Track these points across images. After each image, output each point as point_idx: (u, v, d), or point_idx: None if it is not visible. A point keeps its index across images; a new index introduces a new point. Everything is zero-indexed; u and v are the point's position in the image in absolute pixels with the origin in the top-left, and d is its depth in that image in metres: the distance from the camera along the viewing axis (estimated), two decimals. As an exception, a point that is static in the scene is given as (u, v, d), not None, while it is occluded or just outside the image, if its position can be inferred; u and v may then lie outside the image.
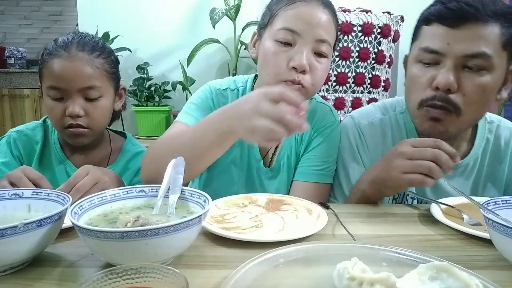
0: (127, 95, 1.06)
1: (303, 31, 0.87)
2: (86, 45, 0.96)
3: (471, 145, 0.98)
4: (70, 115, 0.94)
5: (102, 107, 0.98)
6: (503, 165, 0.99)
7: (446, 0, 0.83)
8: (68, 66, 0.93)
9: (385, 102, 1.08)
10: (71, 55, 0.93)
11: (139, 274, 0.41)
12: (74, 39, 0.96)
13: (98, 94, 0.97)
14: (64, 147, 1.05)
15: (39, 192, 0.64)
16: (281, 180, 1.03)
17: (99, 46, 0.99)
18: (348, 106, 2.43)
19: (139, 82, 2.45)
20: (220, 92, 1.03)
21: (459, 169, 0.97)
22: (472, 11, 0.79)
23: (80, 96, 0.95)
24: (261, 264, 0.52)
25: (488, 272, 0.55)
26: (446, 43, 0.82)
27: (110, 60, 1.00)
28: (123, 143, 1.11)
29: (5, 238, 0.48)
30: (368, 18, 2.34)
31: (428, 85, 0.85)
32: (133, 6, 2.59)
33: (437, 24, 0.83)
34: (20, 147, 1.02)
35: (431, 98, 0.85)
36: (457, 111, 0.84)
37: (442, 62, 0.83)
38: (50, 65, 0.93)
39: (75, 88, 0.93)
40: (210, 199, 0.61)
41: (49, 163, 1.03)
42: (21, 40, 4.47)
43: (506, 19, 0.81)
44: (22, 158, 1.02)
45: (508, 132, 1.00)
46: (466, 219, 0.73)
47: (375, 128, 1.02)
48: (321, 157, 1.00)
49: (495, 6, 0.80)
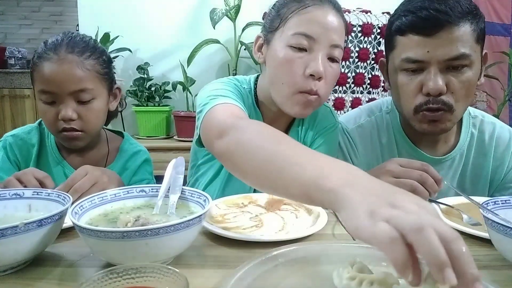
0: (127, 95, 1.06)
1: (318, 36, 0.84)
2: (76, 46, 0.94)
3: (458, 139, 1.01)
4: (63, 119, 0.93)
5: (95, 109, 0.97)
6: (487, 159, 1.01)
7: (416, 10, 0.85)
8: (58, 70, 0.90)
9: (370, 104, 1.11)
10: (60, 58, 0.91)
11: (140, 273, 0.41)
12: (64, 40, 0.94)
13: (90, 96, 0.95)
14: (61, 149, 1.04)
15: (40, 192, 0.64)
16: None
17: (90, 46, 0.97)
18: (348, 106, 2.43)
19: (140, 82, 2.45)
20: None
21: (446, 162, 1.00)
22: (444, 17, 0.82)
23: (72, 99, 0.93)
24: (261, 264, 0.52)
25: (488, 272, 0.55)
26: (426, 51, 0.84)
27: (102, 61, 0.98)
28: (121, 142, 1.11)
29: (6, 238, 0.48)
30: (368, 18, 2.34)
31: (418, 91, 0.88)
32: (134, 7, 2.59)
33: (413, 34, 0.85)
34: (16, 151, 1.01)
35: (425, 103, 0.87)
36: (450, 109, 0.87)
37: (427, 69, 0.86)
38: (40, 69, 0.91)
39: (66, 91, 0.92)
40: (210, 199, 0.61)
41: (46, 165, 1.02)
42: (21, 40, 4.47)
43: (473, 16, 0.84)
44: (19, 162, 1.01)
45: (491, 127, 1.02)
46: (466, 219, 0.73)
47: (363, 130, 1.04)
48: None
49: (461, 6, 0.83)
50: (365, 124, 1.05)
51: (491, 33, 2.68)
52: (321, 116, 1.03)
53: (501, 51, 2.61)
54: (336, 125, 1.04)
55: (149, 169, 1.12)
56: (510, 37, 2.76)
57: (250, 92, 0.99)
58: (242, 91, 0.96)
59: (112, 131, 1.15)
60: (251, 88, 0.99)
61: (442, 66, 0.85)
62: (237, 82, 0.98)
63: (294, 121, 1.02)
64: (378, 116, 1.05)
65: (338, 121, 1.05)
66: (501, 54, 2.57)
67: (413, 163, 0.80)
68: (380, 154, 1.02)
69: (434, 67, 0.85)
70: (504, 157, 1.01)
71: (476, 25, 0.85)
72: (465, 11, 0.83)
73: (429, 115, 0.88)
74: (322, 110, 1.04)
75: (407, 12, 0.87)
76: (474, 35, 0.85)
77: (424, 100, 0.87)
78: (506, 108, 2.68)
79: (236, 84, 0.96)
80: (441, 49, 0.83)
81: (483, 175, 1.02)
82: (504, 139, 1.01)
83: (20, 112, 3.52)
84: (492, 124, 1.03)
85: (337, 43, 0.87)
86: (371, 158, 1.02)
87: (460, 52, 0.83)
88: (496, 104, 2.65)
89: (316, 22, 0.85)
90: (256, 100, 0.99)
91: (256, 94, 0.99)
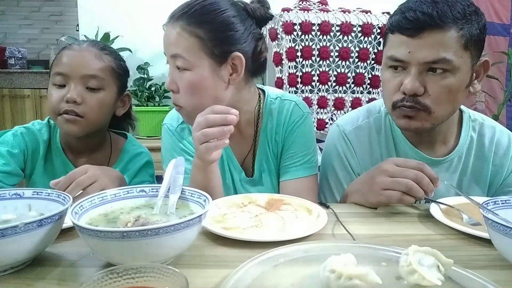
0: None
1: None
2: (98, 44, 1.03)
3: (457, 141, 1.00)
4: (68, 100, 0.95)
5: (101, 99, 0.99)
6: (487, 163, 1.01)
7: (406, 10, 0.86)
8: (76, 55, 0.98)
9: (368, 105, 1.11)
10: (82, 48, 0.99)
11: (140, 273, 0.41)
12: (87, 40, 1.07)
13: (100, 85, 0.98)
14: (66, 150, 1.05)
15: (40, 192, 0.64)
16: (266, 185, 1.03)
17: (111, 50, 1.05)
18: (348, 106, 2.43)
19: (140, 82, 2.46)
20: (181, 129, 1.02)
21: (444, 164, 1.00)
22: (429, 20, 0.82)
23: (81, 84, 0.96)
24: (261, 264, 0.52)
25: (488, 271, 0.55)
26: (408, 51, 0.85)
27: (118, 63, 1.03)
28: (124, 143, 1.11)
29: (6, 238, 0.48)
30: (368, 18, 2.34)
31: (397, 88, 0.89)
32: (134, 7, 2.59)
33: (399, 33, 0.87)
34: (28, 142, 1.01)
35: (401, 100, 0.89)
36: (426, 110, 0.88)
37: (408, 68, 0.87)
38: (60, 56, 0.98)
39: (78, 74, 0.96)
40: (211, 199, 0.61)
41: (52, 164, 1.03)
42: (21, 40, 4.47)
43: (466, 20, 0.83)
44: (27, 153, 1.02)
45: (491, 131, 1.02)
46: (466, 219, 0.73)
47: (361, 132, 1.04)
48: (299, 152, 1.00)
49: (452, 11, 0.82)
50: (363, 125, 1.05)
51: (491, 33, 2.68)
52: (286, 112, 1.02)
53: (500, 51, 2.61)
54: (305, 115, 1.03)
55: (150, 171, 1.12)
56: (510, 37, 2.76)
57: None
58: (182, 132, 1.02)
59: (116, 132, 1.15)
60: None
61: (422, 68, 0.85)
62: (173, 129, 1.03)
63: (261, 124, 1.02)
64: (376, 117, 1.05)
65: (307, 111, 1.04)
66: (500, 54, 2.58)
67: (409, 163, 0.81)
68: (379, 155, 1.02)
69: (414, 68, 0.85)
70: (503, 161, 1.01)
71: (468, 31, 0.83)
72: (455, 16, 0.82)
73: (404, 110, 0.89)
74: (286, 107, 1.03)
75: (399, 11, 0.88)
76: (462, 41, 0.83)
77: (401, 97, 0.89)
78: (505, 108, 2.68)
79: (172, 135, 1.02)
80: (422, 51, 0.84)
81: (482, 179, 1.01)
82: (503, 144, 1.01)
83: (20, 112, 3.53)
84: (492, 128, 1.02)
85: (173, 53, 0.89)
86: (369, 159, 1.02)
87: (440, 57, 0.83)
88: (495, 104, 2.65)
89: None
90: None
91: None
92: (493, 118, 1.71)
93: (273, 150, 1.03)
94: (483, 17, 0.87)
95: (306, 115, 1.03)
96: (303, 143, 1.01)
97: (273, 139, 1.02)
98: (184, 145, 1.01)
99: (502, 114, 2.67)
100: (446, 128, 0.98)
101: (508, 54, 2.57)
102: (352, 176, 1.02)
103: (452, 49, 0.83)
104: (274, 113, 1.02)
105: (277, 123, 1.02)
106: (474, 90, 0.92)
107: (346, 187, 1.00)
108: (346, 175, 1.03)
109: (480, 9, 0.88)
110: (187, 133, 1.01)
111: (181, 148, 1.00)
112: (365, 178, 0.89)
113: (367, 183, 0.85)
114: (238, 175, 1.03)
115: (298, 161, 1.00)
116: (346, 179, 1.02)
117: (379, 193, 0.81)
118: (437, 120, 0.90)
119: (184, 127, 1.02)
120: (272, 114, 1.02)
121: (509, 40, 2.76)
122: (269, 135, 1.02)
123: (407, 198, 0.78)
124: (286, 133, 1.02)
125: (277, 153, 1.03)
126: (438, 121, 0.91)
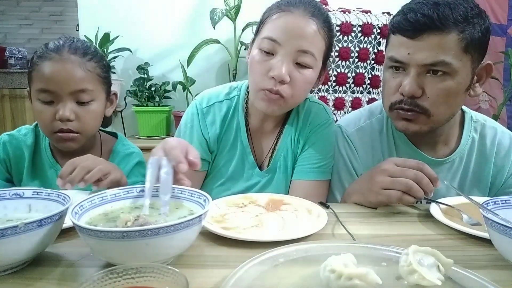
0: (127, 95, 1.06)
1: (283, 41, 0.88)
2: (78, 48, 0.94)
3: (459, 142, 1.00)
4: (61, 119, 0.91)
5: (93, 111, 0.97)
6: (488, 164, 1.01)
7: (407, 11, 0.85)
8: (59, 68, 0.90)
9: (370, 106, 1.11)
10: (63, 57, 0.91)
11: (140, 273, 0.41)
12: (66, 43, 0.94)
13: (90, 97, 0.95)
14: (54, 152, 1.03)
15: (40, 192, 0.64)
16: (278, 181, 1.03)
17: (91, 50, 0.97)
18: (348, 106, 2.43)
19: (140, 82, 2.45)
20: (207, 109, 1.03)
21: (445, 165, 1.00)
22: (429, 22, 0.82)
23: (71, 99, 0.93)
24: (261, 264, 0.52)
25: (488, 271, 0.55)
26: (407, 53, 0.85)
27: (101, 65, 0.99)
28: (114, 144, 1.09)
29: (6, 238, 0.48)
30: (368, 18, 2.34)
31: (396, 89, 0.90)
32: (134, 7, 2.59)
33: (399, 34, 0.87)
34: (10, 150, 1.00)
35: (399, 101, 0.89)
36: (425, 112, 0.88)
37: (407, 69, 0.87)
38: (40, 68, 0.91)
39: (66, 91, 0.91)
40: (210, 199, 0.61)
41: (40, 168, 1.02)
42: (21, 41, 4.46)
43: (468, 23, 0.83)
44: (9, 162, 1.01)
45: (493, 132, 1.02)
46: (466, 219, 0.73)
47: (363, 133, 1.04)
48: (318, 155, 1.01)
49: (453, 13, 0.82)
50: (365, 126, 1.05)
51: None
52: (314, 114, 1.05)
53: (499, 51, 2.61)
54: (330, 121, 1.05)
55: (142, 171, 1.08)
56: (507, 38, 2.75)
57: (238, 101, 1.04)
58: (216, 108, 1.03)
59: (106, 132, 1.13)
60: (239, 95, 1.04)
61: (422, 70, 0.85)
62: (218, 100, 1.04)
63: (287, 121, 1.04)
64: (378, 118, 1.05)
65: (332, 118, 1.06)
66: (497, 54, 2.57)
67: (409, 162, 0.81)
68: (381, 156, 1.02)
69: (413, 70, 0.85)
70: (504, 162, 1.01)
71: (469, 34, 0.83)
72: (456, 19, 0.82)
73: (401, 114, 0.90)
74: (315, 109, 1.05)
75: (401, 11, 0.88)
76: (462, 44, 0.83)
77: (398, 99, 0.89)
78: (505, 108, 2.68)
79: (197, 114, 1.03)
80: (421, 52, 0.84)
81: (483, 179, 1.01)
82: (505, 145, 1.01)
83: (20, 112, 3.53)
84: (494, 129, 1.02)
85: (304, 49, 0.88)
86: (371, 160, 1.02)
87: (439, 59, 0.83)
88: (496, 103, 2.65)
89: (283, 28, 0.89)
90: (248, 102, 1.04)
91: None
92: (494, 118, 1.72)
93: (294, 148, 1.04)
94: (487, 19, 0.86)
95: (331, 121, 1.06)
96: (323, 147, 1.02)
97: (295, 137, 1.04)
98: (201, 126, 1.02)
99: (502, 114, 2.67)
100: (448, 129, 0.98)
101: (508, 54, 2.56)
102: (354, 177, 1.02)
103: (451, 52, 0.82)
104: (301, 113, 1.04)
105: (303, 123, 1.04)
106: (474, 93, 0.91)
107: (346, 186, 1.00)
108: (348, 176, 1.03)
109: (485, 12, 0.87)
110: (210, 116, 1.02)
111: (197, 130, 1.02)
112: (365, 177, 0.89)
113: (367, 182, 0.86)
114: (252, 168, 1.03)
115: (314, 164, 1.01)
116: (348, 180, 1.02)
117: (379, 192, 0.81)
118: (436, 123, 0.90)
119: (210, 111, 1.03)
120: (299, 113, 1.04)
121: (506, 40, 2.75)
122: (293, 133, 1.03)
123: (407, 197, 0.78)
124: (309, 134, 1.03)
125: (297, 152, 1.04)
126: (437, 124, 0.91)
